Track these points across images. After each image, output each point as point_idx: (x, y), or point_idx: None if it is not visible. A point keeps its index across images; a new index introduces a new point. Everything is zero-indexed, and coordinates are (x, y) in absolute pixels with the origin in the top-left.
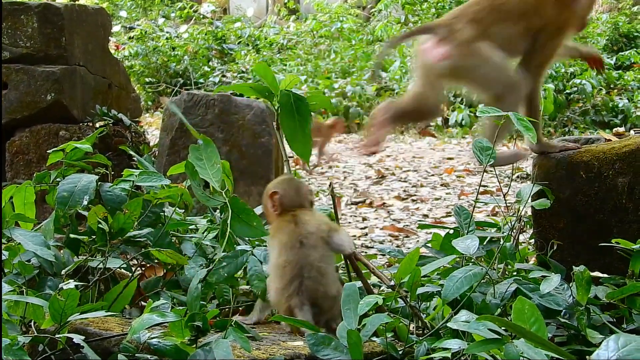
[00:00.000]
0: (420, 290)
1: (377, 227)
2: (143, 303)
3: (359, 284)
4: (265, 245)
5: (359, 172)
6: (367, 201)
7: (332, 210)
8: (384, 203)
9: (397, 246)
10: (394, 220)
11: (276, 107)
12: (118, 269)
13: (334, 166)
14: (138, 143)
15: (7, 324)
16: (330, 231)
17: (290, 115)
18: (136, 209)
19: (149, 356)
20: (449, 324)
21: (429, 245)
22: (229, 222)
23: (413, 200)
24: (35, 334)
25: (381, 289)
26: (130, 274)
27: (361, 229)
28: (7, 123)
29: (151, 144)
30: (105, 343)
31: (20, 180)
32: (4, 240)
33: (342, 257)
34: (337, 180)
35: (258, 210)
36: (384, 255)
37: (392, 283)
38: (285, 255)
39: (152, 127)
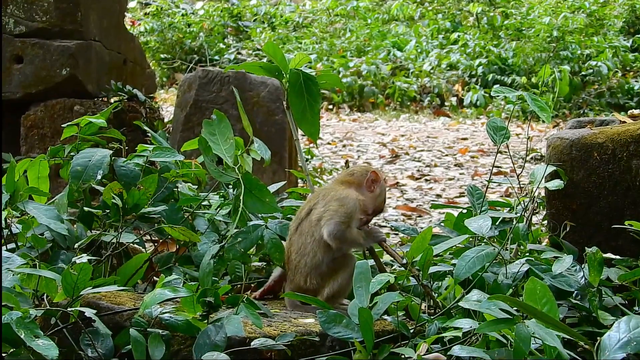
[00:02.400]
0: (432, 269)
1: (390, 207)
2: (155, 278)
3: (371, 262)
4: (277, 218)
5: (372, 151)
6: None
7: None
8: (398, 182)
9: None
10: (407, 199)
11: (286, 87)
12: (131, 244)
13: (347, 145)
14: (152, 119)
15: (20, 297)
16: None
17: (299, 94)
18: (151, 186)
19: (160, 331)
20: (460, 304)
21: (442, 224)
22: (241, 198)
23: (426, 180)
24: (48, 307)
25: (393, 267)
26: (143, 249)
27: None
28: (22, 97)
29: (165, 120)
30: (117, 317)
31: (35, 154)
32: (17, 214)
33: None
34: (350, 159)
35: (272, 187)
36: (396, 234)
37: (405, 261)
38: None
39: (166, 103)
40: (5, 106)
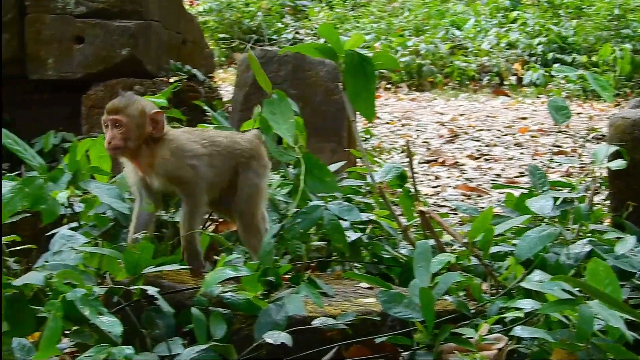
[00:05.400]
0: (493, 249)
1: (449, 186)
2: (216, 257)
3: (431, 242)
4: (336, 198)
5: (431, 130)
6: (440, 160)
7: (407, 169)
8: (457, 162)
9: None
10: (466, 179)
11: (341, 68)
12: None
13: (406, 124)
14: (211, 98)
15: (83, 275)
16: None
17: (354, 75)
18: None
19: (221, 310)
20: (522, 284)
21: (503, 204)
22: (302, 177)
23: (486, 160)
24: (111, 285)
25: (453, 247)
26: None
27: (433, 187)
28: (83, 77)
29: (224, 99)
30: (179, 296)
31: (96, 134)
32: (79, 193)
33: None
34: (409, 139)
35: (332, 167)
36: (456, 214)
37: (465, 241)
38: None
39: (225, 83)
40: (67, 86)
